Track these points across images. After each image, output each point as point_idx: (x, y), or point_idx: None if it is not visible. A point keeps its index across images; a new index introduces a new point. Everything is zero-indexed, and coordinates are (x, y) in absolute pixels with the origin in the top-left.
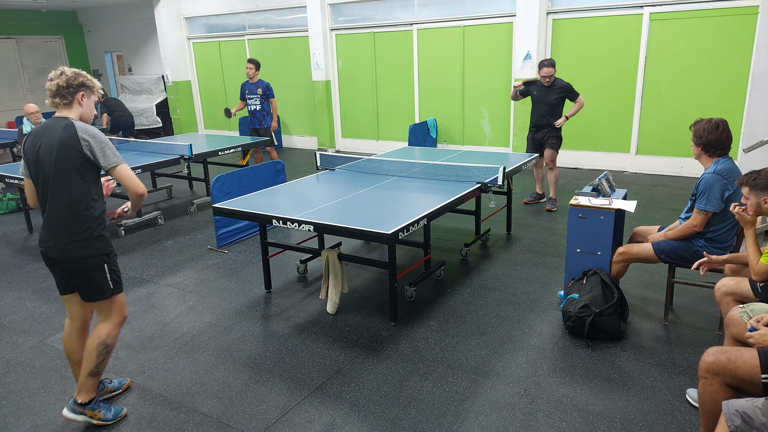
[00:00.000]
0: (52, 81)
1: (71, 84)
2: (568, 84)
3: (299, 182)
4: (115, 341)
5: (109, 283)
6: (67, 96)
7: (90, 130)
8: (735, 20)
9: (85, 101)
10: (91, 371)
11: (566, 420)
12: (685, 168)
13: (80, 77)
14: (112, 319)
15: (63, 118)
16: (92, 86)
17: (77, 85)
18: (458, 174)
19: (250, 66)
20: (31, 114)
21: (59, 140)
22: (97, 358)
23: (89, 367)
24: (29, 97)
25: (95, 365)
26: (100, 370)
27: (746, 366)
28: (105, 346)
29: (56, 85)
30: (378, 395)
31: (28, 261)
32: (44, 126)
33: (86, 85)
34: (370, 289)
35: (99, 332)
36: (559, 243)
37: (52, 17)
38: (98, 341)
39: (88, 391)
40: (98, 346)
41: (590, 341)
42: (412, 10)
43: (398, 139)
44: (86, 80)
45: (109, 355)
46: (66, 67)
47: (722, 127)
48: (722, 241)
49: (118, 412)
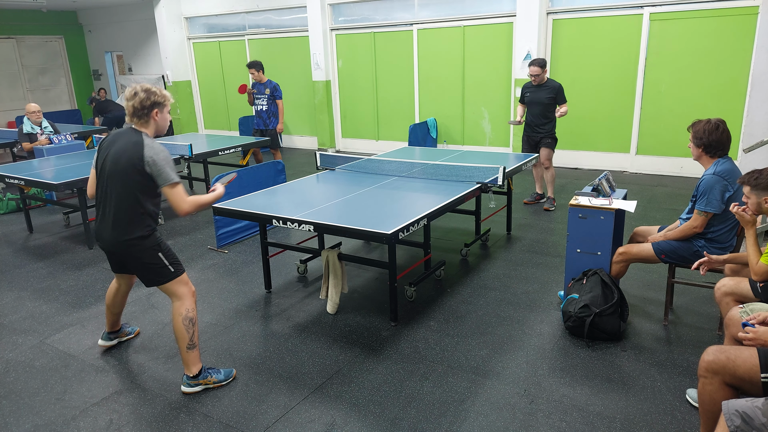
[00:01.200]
0: (128, 102)
1: (145, 105)
2: (559, 85)
3: (299, 182)
4: (194, 313)
5: (169, 268)
6: (143, 116)
7: (156, 148)
8: (735, 20)
9: (159, 116)
10: (187, 345)
11: (566, 420)
12: (685, 168)
13: (152, 97)
14: (183, 296)
15: (137, 132)
16: (164, 102)
17: (150, 105)
18: (458, 174)
19: (251, 71)
20: (31, 113)
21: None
22: (187, 332)
23: (184, 343)
24: (29, 97)
25: (188, 339)
26: (194, 342)
27: (746, 365)
28: (189, 320)
29: (132, 107)
30: (378, 395)
31: (28, 261)
32: (121, 134)
33: (158, 102)
34: (370, 289)
35: (179, 311)
36: (559, 243)
37: (53, 17)
38: (181, 318)
39: (194, 364)
40: (183, 321)
41: (590, 341)
42: (412, 10)
43: (398, 139)
44: (157, 98)
45: (195, 326)
46: (138, 87)
47: (722, 127)
48: (722, 241)
49: (228, 374)
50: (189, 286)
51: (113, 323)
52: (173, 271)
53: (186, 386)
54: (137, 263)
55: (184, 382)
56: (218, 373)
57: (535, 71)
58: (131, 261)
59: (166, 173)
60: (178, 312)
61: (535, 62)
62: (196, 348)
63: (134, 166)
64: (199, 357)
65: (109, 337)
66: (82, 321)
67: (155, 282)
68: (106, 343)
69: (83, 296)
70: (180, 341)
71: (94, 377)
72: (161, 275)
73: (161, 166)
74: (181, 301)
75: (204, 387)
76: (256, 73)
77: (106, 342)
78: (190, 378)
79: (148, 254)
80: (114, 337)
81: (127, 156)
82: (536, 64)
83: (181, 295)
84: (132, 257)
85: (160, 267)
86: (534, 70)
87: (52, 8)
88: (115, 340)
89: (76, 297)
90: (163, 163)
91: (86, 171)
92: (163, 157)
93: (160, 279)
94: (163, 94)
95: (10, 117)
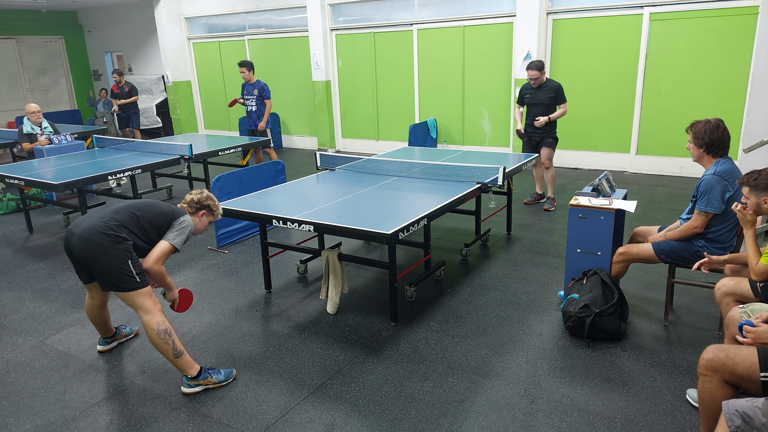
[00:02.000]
0: (192, 196)
1: (201, 204)
2: (558, 85)
3: (299, 182)
4: (167, 324)
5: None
6: (195, 210)
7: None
8: (735, 20)
9: (203, 219)
10: (174, 355)
11: (566, 420)
12: (685, 168)
13: (206, 201)
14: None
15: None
16: (214, 210)
17: (205, 206)
18: (458, 174)
19: (242, 70)
20: (31, 113)
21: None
22: (167, 343)
23: (169, 354)
24: (29, 97)
25: (172, 350)
26: (179, 349)
27: (745, 363)
28: (163, 332)
29: (191, 200)
30: (378, 395)
31: (28, 261)
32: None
33: (209, 207)
34: (370, 289)
35: (149, 325)
36: (559, 243)
37: (53, 17)
38: (155, 333)
39: (189, 368)
40: (158, 336)
41: (590, 341)
42: (412, 10)
43: (398, 139)
44: (212, 204)
45: (173, 335)
46: (207, 191)
47: (722, 126)
48: (722, 241)
49: (228, 374)
50: (155, 300)
51: (105, 330)
52: (139, 281)
53: (186, 387)
54: (102, 263)
55: (184, 383)
56: (218, 374)
57: (534, 74)
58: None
59: (174, 234)
60: (149, 327)
61: (532, 66)
62: (184, 354)
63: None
64: (191, 360)
65: (106, 341)
66: (82, 321)
67: (115, 287)
68: (105, 348)
69: (83, 296)
70: (164, 354)
71: (94, 377)
72: (124, 282)
73: (177, 230)
74: (149, 314)
75: (204, 387)
76: (247, 72)
77: (104, 347)
78: (189, 379)
79: (116, 257)
80: (111, 340)
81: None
82: (534, 68)
83: (147, 309)
84: (99, 254)
85: (126, 274)
86: (532, 74)
87: (52, 8)
88: (114, 343)
89: (76, 297)
90: (180, 230)
91: (86, 171)
92: (186, 228)
93: (121, 285)
94: (216, 204)
95: (10, 117)
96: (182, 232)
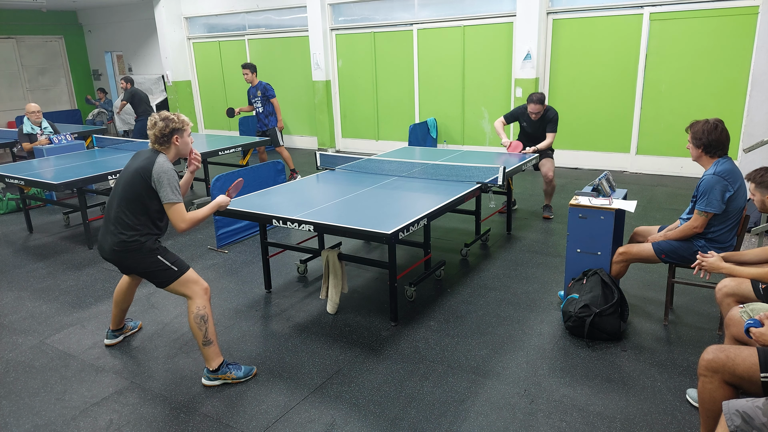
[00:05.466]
0: (150, 131)
1: (164, 133)
2: (555, 115)
3: (299, 182)
4: (207, 310)
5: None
6: (165, 142)
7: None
8: (735, 20)
9: (180, 141)
10: (203, 342)
11: (566, 420)
12: (685, 168)
13: (170, 124)
14: (194, 295)
15: (155, 151)
16: (182, 127)
17: (169, 132)
18: (458, 174)
19: (245, 72)
20: (32, 113)
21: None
22: (200, 329)
23: (199, 340)
24: (29, 97)
25: (203, 336)
26: (209, 338)
27: (745, 364)
28: (200, 317)
29: (154, 136)
30: (378, 395)
31: (28, 261)
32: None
33: (177, 128)
34: (370, 289)
35: (190, 309)
36: (559, 243)
37: (53, 17)
38: (192, 317)
39: (213, 359)
40: (195, 320)
41: (590, 341)
42: (412, 10)
43: (398, 139)
44: (176, 124)
45: (209, 323)
46: (157, 116)
47: (720, 126)
48: (722, 241)
49: (249, 371)
50: (200, 283)
51: (118, 320)
52: (177, 270)
53: (206, 379)
54: (140, 268)
55: (204, 375)
56: (238, 370)
57: (536, 109)
58: (134, 266)
59: (166, 192)
60: (189, 311)
61: (535, 99)
62: (214, 344)
63: (143, 179)
64: (218, 352)
65: (114, 334)
66: (82, 321)
67: (163, 283)
68: (112, 341)
69: (83, 296)
70: (195, 338)
71: (94, 377)
72: (167, 276)
73: (164, 185)
74: (192, 299)
75: (222, 382)
76: (250, 74)
77: (112, 340)
78: (210, 372)
79: (148, 259)
80: (119, 334)
81: (139, 169)
82: (536, 101)
83: (192, 294)
84: (133, 262)
85: (163, 269)
86: (535, 108)
87: (52, 8)
88: (121, 337)
89: (76, 297)
90: (166, 182)
91: (86, 171)
92: (167, 177)
93: (166, 280)
94: (181, 119)
95: (10, 117)
96: (166, 184)
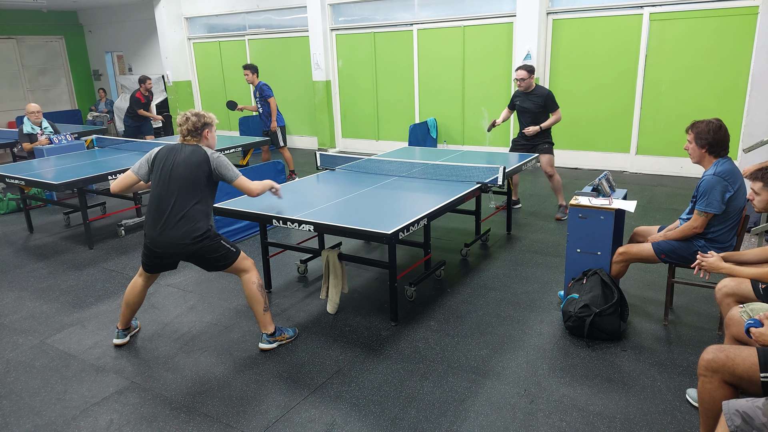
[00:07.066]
0: (182, 126)
1: (197, 127)
2: (548, 93)
3: (299, 182)
4: (261, 281)
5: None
6: (197, 135)
7: (216, 153)
8: (735, 20)
9: (209, 135)
10: (264, 308)
11: (566, 420)
12: (685, 168)
13: (202, 119)
14: (249, 269)
15: (197, 145)
16: (212, 122)
17: (202, 126)
18: (458, 174)
19: (245, 72)
20: (32, 113)
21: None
22: (261, 295)
23: (260, 306)
24: (29, 97)
25: (263, 302)
26: (267, 304)
27: (745, 364)
28: (260, 285)
29: (187, 130)
30: (378, 395)
31: (28, 261)
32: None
33: (208, 123)
34: (370, 289)
35: (250, 280)
36: (559, 243)
37: (53, 17)
38: (255, 286)
39: (270, 323)
40: (257, 288)
41: (590, 341)
42: (412, 10)
43: (398, 139)
44: (207, 119)
45: (264, 290)
46: (189, 113)
47: (723, 126)
48: (722, 241)
49: (294, 331)
50: (249, 259)
51: (127, 320)
52: (236, 251)
53: (265, 343)
54: (206, 256)
55: (263, 340)
56: (288, 331)
57: (521, 74)
58: (199, 256)
59: (232, 171)
60: (250, 281)
61: (522, 66)
62: (269, 311)
63: (203, 170)
64: (271, 319)
65: (124, 333)
66: (82, 321)
67: (226, 266)
68: (122, 341)
69: (83, 296)
70: (256, 305)
71: (95, 377)
72: (229, 258)
73: (226, 166)
74: (249, 273)
75: (279, 343)
76: (250, 75)
77: (122, 339)
78: (268, 336)
79: (215, 245)
80: (127, 333)
81: (196, 162)
82: (522, 68)
83: (247, 268)
84: (202, 251)
85: (226, 252)
86: (520, 74)
87: (52, 8)
88: (128, 337)
89: (76, 297)
90: (226, 163)
91: (86, 171)
92: (223, 160)
93: (228, 262)
94: (210, 116)
95: (10, 117)
96: (227, 163)
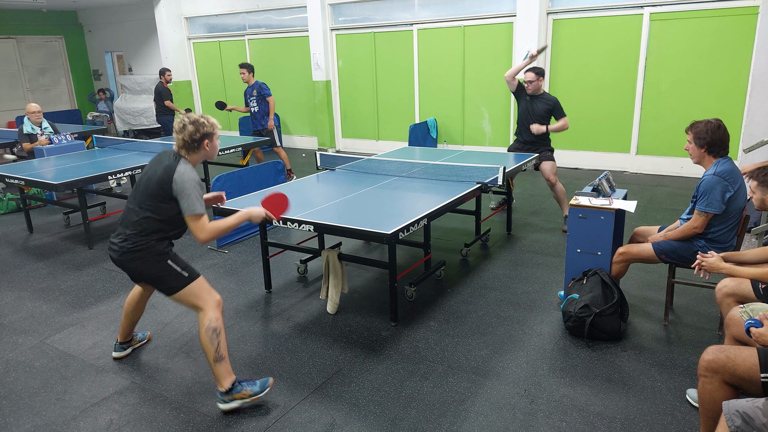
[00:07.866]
0: (178, 135)
1: (195, 138)
2: (556, 100)
3: (299, 182)
4: (219, 323)
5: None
6: (193, 147)
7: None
8: (735, 21)
9: (210, 145)
10: (214, 358)
11: (566, 420)
12: (685, 168)
13: (201, 129)
14: (205, 306)
15: (178, 155)
16: (213, 131)
17: (200, 138)
18: (458, 174)
19: (242, 71)
20: (32, 113)
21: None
22: (212, 343)
23: (210, 355)
24: (29, 97)
25: (214, 351)
26: (221, 353)
27: (745, 364)
28: (212, 330)
29: (183, 140)
30: (378, 395)
31: (28, 261)
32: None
33: (208, 133)
34: (370, 289)
35: (201, 321)
36: (559, 243)
37: (53, 17)
38: (204, 329)
39: (224, 377)
40: (206, 333)
41: (590, 341)
42: (412, 10)
43: (398, 139)
44: (207, 128)
45: (221, 336)
46: (186, 119)
47: (723, 126)
48: (722, 241)
49: (264, 384)
50: (211, 294)
51: (127, 333)
52: (187, 276)
53: (221, 403)
54: (148, 273)
55: (219, 399)
56: (253, 385)
57: (530, 77)
58: (138, 273)
59: (191, 202)
60: (201, 323)
61: (532, 68)
62: (225, 360)
63: (164, 190)
64: (230, 369)
65: (122, 347)
66: (82, 321)
67: (173, 290)
68: (121, 354)
69: (83, 296)
70: (206, 354)
71: (94, 377)
72: (168, 283)
73: (188, 194)
74: (204, 311)
75: (241, 402)
76: (246, 74)
77: (120, 353)
78: (223, 394)
79: (157, 265)
80: (127, 346)
81: (159, 180)
82: (531, 70)
83: (203, 305)
84: (136, 268)
85: (172, 275)
86: (529, 76)
87: (52, 8)
88: (129, 350)
89: (76, 297)
90: (190, 191)
91: (86, 171)
92: (188, 188)
93: (174, 286)
94: (211, 123)
95: (10, 117)
96: (189, 194)
